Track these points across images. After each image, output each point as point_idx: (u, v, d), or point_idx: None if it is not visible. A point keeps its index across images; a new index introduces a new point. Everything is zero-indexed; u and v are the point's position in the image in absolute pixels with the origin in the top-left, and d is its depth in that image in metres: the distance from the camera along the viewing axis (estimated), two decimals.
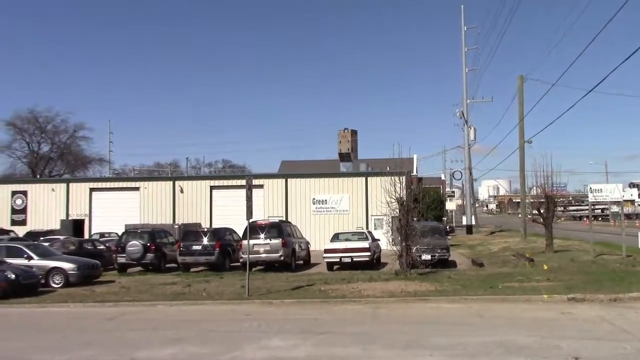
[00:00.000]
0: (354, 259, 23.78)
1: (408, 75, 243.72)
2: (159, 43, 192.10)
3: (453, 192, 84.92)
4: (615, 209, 66.98)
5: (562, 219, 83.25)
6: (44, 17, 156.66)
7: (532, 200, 35.22)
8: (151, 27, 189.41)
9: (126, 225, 34.26)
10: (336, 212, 39.75)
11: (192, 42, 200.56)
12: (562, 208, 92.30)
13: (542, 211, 27.85)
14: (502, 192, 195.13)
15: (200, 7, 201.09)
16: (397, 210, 20.44)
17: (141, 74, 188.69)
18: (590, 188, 24.83)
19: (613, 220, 66.87)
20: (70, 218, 42.02)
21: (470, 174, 58.38)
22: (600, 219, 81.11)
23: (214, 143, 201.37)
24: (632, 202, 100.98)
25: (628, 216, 72.84)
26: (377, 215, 36.24)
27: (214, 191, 41.83)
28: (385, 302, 15.17)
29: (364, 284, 18.11)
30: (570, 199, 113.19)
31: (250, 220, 18.20)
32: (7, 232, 35.00)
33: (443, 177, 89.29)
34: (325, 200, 40.18)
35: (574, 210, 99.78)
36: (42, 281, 19.61)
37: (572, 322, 11.91)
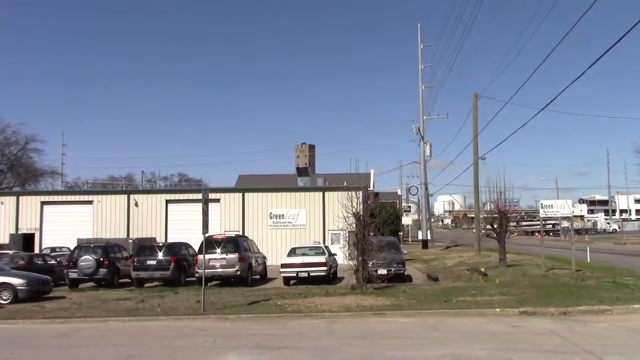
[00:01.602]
0: (311, 274, 23.78)
1: (366, 91, 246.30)
2: (113, 55, 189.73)
3: (409, 206, 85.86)
4: (565, 224, 68.71)
5: (515, 234, 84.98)
6: None
7: (486, 216, 35.89)
8: (102, 37, 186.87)
9: (78, 240, 33.57)
10: (293, 227, 39.69)
11: (145, 53, 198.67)
12: (515, 223, 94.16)
13: (495, 226, 28.40)
14: (457, 207, 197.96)
15: (148, 17, 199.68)
16: (354, 225, 20.56)
17: (96, 87, 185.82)
18: (542, 204, 25.47)
19: (563, 235, 68.61)
20: (20, 232, 40.83)
21: (426, 189, 59.18)
22: (551, 234, 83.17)
23: (170, 156, 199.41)
24: (582, 217, 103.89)
25: (578, 231, 74.82)
26: (334, 230, 36.30)
27: (169, 205, 41.26)
28: (341, 316, 15.21)
29: (321, 298, 18.12)
30: (523, 214, 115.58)
31: (207, 235, 18.05)
32: None
33: (399, 192, 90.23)
34: (283, 214, 40.10)
35: (527, 225, 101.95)
36: None
37: (524, 336, 12.14)
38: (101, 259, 25.02)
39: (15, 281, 20.10)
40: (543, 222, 30.25)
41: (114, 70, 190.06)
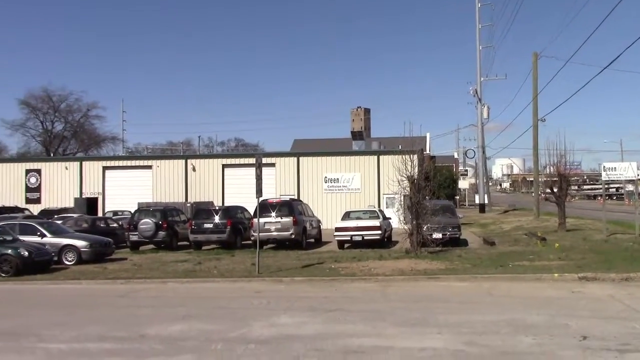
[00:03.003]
0: (365, 238, 23.75)
1: (422, 54, 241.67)
2: (173, 23, 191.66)
3: (466, 170, 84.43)
4: (629, 187, 66.37)
5: (576, 197, 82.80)
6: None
7: (545, 179, 34.95)
8: (164, 7, 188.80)
9: (139, 204, 34.46)
10: (348, 191, 39.67)
11: (206, 21, 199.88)
12: (576, 187, 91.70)
13: (554, 190, 27.64)
14: (516, 170, 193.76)
15: None
16: (408, 189, 20.36)
17: (155, 53, 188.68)
18: (604, 166, 24.61)
19: (627, 199, 66.30)
20: (83, 196, 42.32)
21: (483, 152, 57.99)
22: (614, 197, 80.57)
23: (227, 122, 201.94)
24: None
25: None
26: (389, 194, 36.06)
27: (226, 169, 41.83)
28: (395, 280, 15.17)
29: (374, 262, 18.11)
30: (585, 177, 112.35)
31: (261, 199, 18.19)
32: (22, 210, 35.32)
33: (456, 156, 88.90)
34: (337, 178, 40.09)
35: (589, 189, 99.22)
36: (55, 258, 19.81)
37: (582, 301, 11.83)
38: (160, 222, 25.68)
39: (79, 243, 20.87)
40: (605, 186, 29.18)
41: (172, 37, 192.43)
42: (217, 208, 27.58)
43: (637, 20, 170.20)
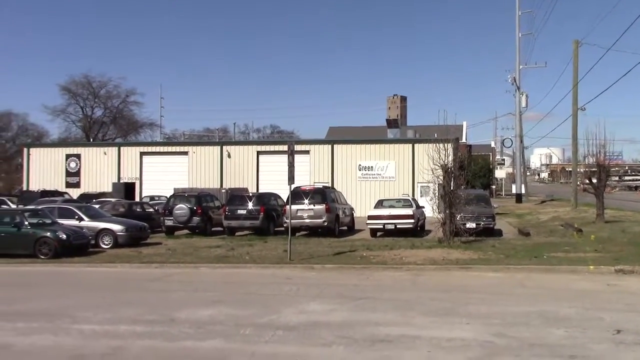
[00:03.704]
0: (398, 226, 23.66)
1: (460, 41, 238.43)
2: (210, 10, 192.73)
3: (503, 159, 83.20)
4: None
5: (617, 189, 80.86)
6: None
7: (584, 170, 34.24)
8: None
9: (174, 189, 34.90)
10: (382, 179, 39.52)
11: (243, 8, 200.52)
12: (617, 178, 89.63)
13: (593, 181, 27.06)
14: (554, 160, 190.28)
15: None
16: (442, 178, 20.18)
17: (193, 39, 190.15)
18: None
19: None
20: (121, 181, 43.04)
21: (521, 141, 57.08)
22: None
23: (263, 109, 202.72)
24: None
25: None
26: (423, 183, 35.84)
27: (260, 156, 42.07)
28: (426, 269, 15.09)
29: (406, 251, 18.03)
30: (627, 168, 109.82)
31: (294, 186, 18.23)
32: (62, 193, 36.12)
33: (493, 145, 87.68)
34: (372, 166, 39.95)
35: (630, 180, 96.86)
36: (92, 242, 20.23)
37: (618, 295, 11.58)
38: (194, 208, 25.98)
39: (116, 227, 21.27)
40: None
41: (209, 25, 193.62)
42: (250, 194, 27.77)
43: None
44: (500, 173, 77.51)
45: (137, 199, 40.07)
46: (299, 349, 7.99)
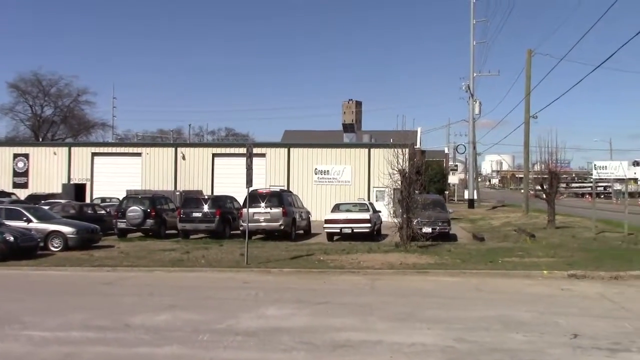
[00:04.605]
0: (355, 230, 23.68)
1: (415, 49, 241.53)
2: (162, 10, 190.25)
3: (456, 165, 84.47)
4: (617, 186, 66.67)
5: (565, 195, 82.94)
6: None
7: (535, 176, 34.98)
8: None
9: (127, 191, 34.20)
10: (338, 183, 39.59)
11: (198, 9, 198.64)
12: (565, 184, 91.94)
13: (545, 187, 27.67)
14: (505, 167, 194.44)
15: None
16: (399, 182, 20.26)
17: (145, 40, 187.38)
18: (595, 165, 24.61)
19: (615, 198, 66.65)
20: (71, 182, 41.94)
21: (474, 148, 58.03)
22: (602, 196, 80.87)
23: (218, 111, 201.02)
24: (635, 180, 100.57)
25: (631, 194, 72.39)
26: (379, 187, 36.01)
27: (216, 159, 41.63)
28: (384, 274, 15.09)
29: (364, 255, 18.02)
30: (573, 175, 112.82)
31: (251, 189, 18.02)
32: (9, 194, 34.95)
33: (447, 151, 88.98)
34: (328, 170, 39.98)
35: (577, 187, 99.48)
36: (41, 244, 19.54)
37: (572, 299, 11.79)
38: (148, 210, 25.48)
39: (66, 229, 20.62)
40: (595, 184, 29.18)
41: (162, 25, 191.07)
42: (206, 197, 27.40)
43: (632, 18, 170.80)
44: (453, 179, 78.59)
45: (87, 200, 39.12)
46: (259, 355, 7.83)
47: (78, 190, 40.88)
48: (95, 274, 15.73)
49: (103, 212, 28.27)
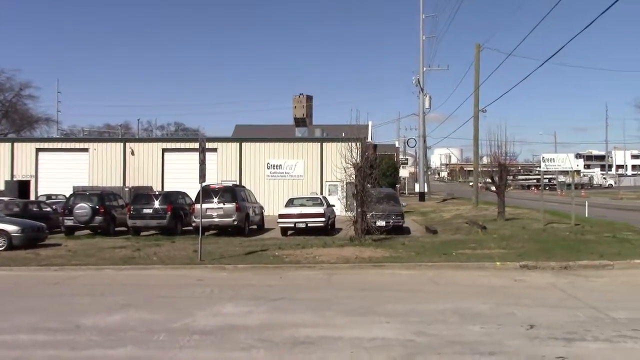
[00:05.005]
0: (309, 225, 23.61)
1: (365, 42, 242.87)
2: (111, 2, 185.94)
3: (407, 159, 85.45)
4: (562, 178, 68.55)
5: (511, 187, 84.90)
6: None
7: (484, 169, 35.59)
8: None
9: (74, 187, 33.32)
10: (291, 177, 39.48)
11: (147, 2, 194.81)
12: (512, 177, 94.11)
13: (495, 179, 28.14)
14: (454, 160, 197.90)
15: None
16: (353, 176, 20.27)
17: (92, 33, 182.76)
18: (543, 157, 25.14)
19: (560, 189, 68.48)
20: (15, 179, 40.55)
21: (424, 141, 58.66)
22: (547, 188, 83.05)
23: (167, 105, 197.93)
24: (579, 172, 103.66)
25: (575, 186, 74.61)
26: (331, 181, 36.14)
27: (166, 154, 40.90)
28: (340, 268, 15.04)
29: (319, 249, 17.95)
30: (520, 168, 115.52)
31: (204, 184, 17.75)
32: None
33: (397, 145, 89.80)
34: (280, 165, 39.81)
35: (523, 180, 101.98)
36: None
37: (525, 290, 11.99)
38: (97, 207, 24.84)
39: (10, 228, 19.87)
40: (544, 177, 29.86)
41: (109, 16, 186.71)
42: (157, 193, 26.88)
43: (577, 14, 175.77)
44: (403, 172, 79.39)
45: (32, 197, 37.90)
46: (217, 355, 7.65)
47: (22, 187, 39.63)
48: (43, 273, 15.18)
49: (49, 209, 27.40)
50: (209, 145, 35.53)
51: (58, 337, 8.53)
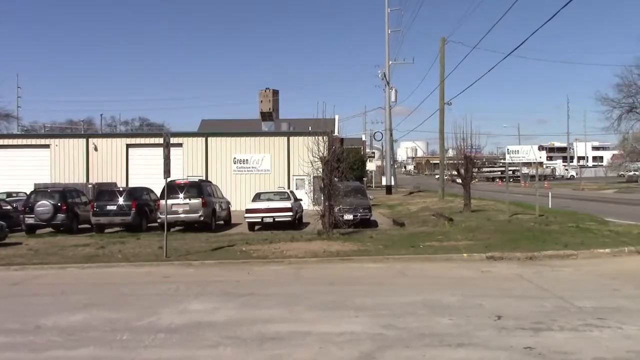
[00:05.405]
0: (276, 219, 23.48)
1: (331, 36, 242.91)
2: None
3: (373, 152, 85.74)
4: (525, 170, 69.61)
5: (477, 180, 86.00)
6: None
7: (450, 162, 35.84)
8: None
9: (35, 184, 32.57)
10: (257, 172, 39.24)
11: None
12: (477, 169, 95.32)
13: (461, 172, 28.35)
14: (419, 153, 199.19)
15: None
16: (320, 170, 20.18)
17: (52, 26, 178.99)
18: (508, 149, 25.41)
19: (523, 181, 69.56)
20: None
21: (391, 135, 58.86)
22: (511, 180, 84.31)
23: (131, 100, 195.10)
24: (541, 163, 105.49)
25: (538, 177, 75.85)
26: (299, 175, 36.03)
27: (130, 150, 40.26)
28: (308, 262, 14.95)
29: (287, 244, 17.84)
30: (484, 160, 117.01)
31: (169, 180, 17.46)
32: None
33: (364, 138, 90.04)
34: (247, 159, 39.53)
35: (487, 172, 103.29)
36: None
37: (492, 281, 12.07)
38: (59, 204, 24.26)
39: None
40: (504, 168, 30.24)
41: (69, 9, 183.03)
42: (121, 189, 26.41)
43: (542, 7, 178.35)
44: (370, 165, 79.65)
45: None
46: (183, 353, 7.48)
47: None
48: (2, 273, 14.74)
49: (9, 207, 26.69)
50: (174, 140, 35.20)
51: (17, 338, 8.25)
